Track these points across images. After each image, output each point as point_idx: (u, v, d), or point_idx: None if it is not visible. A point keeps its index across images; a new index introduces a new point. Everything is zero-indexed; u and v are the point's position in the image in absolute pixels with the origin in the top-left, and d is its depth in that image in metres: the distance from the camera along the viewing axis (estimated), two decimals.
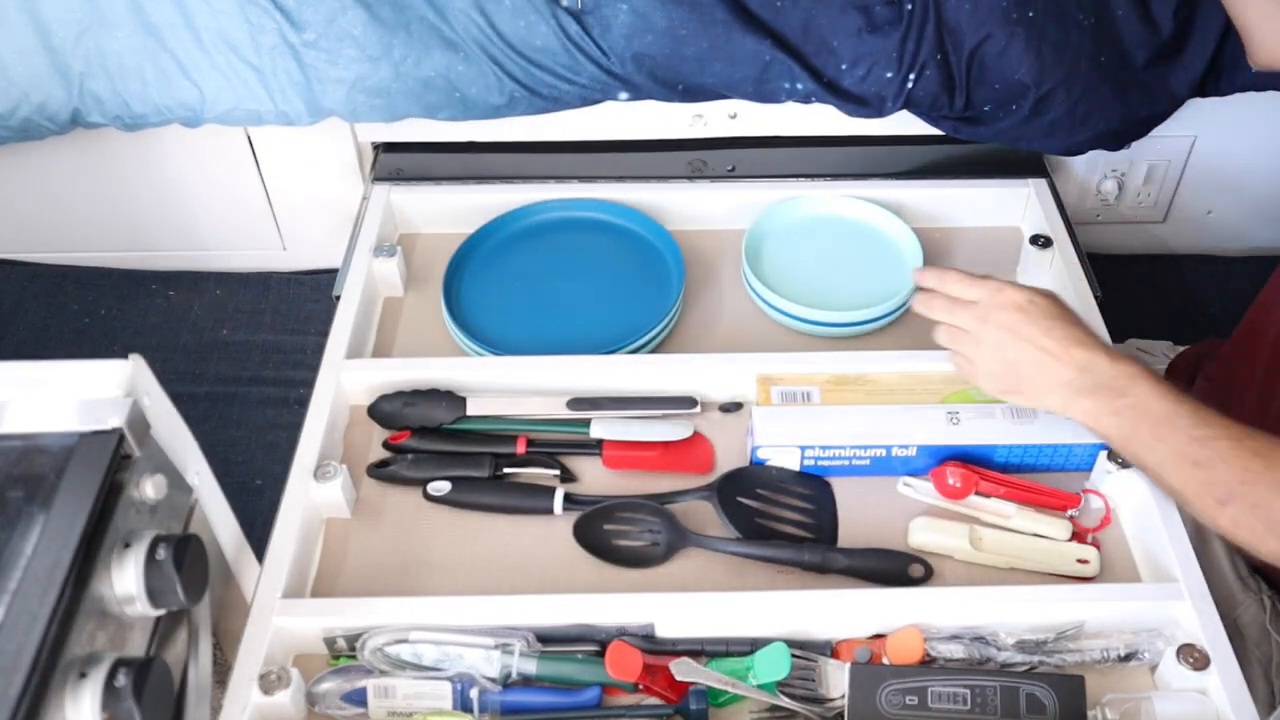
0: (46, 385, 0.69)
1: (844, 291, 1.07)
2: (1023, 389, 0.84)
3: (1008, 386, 0.85)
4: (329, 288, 1.11)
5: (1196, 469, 0.73)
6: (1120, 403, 0.77)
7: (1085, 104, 1.11)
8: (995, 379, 0.85)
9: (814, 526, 0.91)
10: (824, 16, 1.09)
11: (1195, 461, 0.73)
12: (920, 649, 0.80)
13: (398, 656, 0.80)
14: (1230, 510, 0.72)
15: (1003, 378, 0.85)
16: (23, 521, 0.63)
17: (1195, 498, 0.74)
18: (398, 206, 1.18)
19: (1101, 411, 0.78)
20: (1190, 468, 0.73)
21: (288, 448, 0.92)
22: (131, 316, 1.44)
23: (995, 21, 1.07)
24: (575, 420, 0.97)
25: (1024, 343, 0.82)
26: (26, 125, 1.17)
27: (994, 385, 0.86)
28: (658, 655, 0.81)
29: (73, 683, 0.59)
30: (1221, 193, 1.37)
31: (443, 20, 1.10)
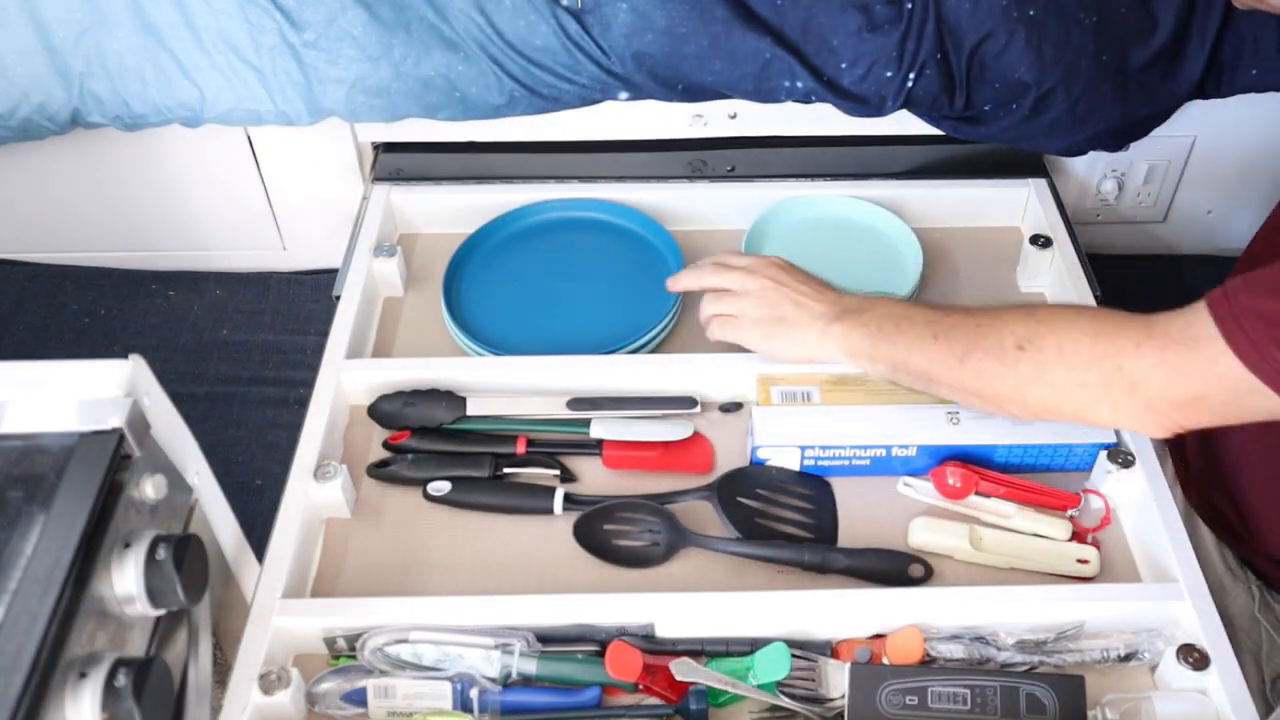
0: (46, 385, 0.69)
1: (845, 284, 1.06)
2: (785, 331, 0.92)
3: (771, 330, 0.92)
4: (329, 288, 1.11)
5: (936, 341, 0.82)
6: (866, 316, 0.88)
7: (1085, 103, 1.11)
8: (759, 325, 0.93)
9: (814, 526, 0.91)
10: (824, 15, 1.09)
11: (934, 336, 0.82)
12: (920, 649, 0.80)
13: (398, 656, 0.80)
14: (970, 362, 0.80)
15: (766, 322, 0.93)
16: (23, 521, 0.63)
17: (940, 365, 0.82)
18: (398, 206, 1.18)
19: (851, 328, 0.88)
20: (931, 341, 0.82)
21: (288, 448, 0.92)
22: (131, 316, 1.44)
23: (996, 20, 1.07)
24: (575, 420, 0.97)
25: (785, 289, 0.93)
26: (26, 125, 1.17)
27: (758, 331, 0.93)
28: (658, 655, 0.81)
29: (73, 683, 0.59)
30: (1221, 193, 1.37)
31: (443, 20, 1.10)
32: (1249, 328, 0.70)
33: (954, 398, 0.86)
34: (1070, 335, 0.78)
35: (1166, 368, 0.74)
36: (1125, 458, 0.90)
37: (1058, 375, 0.78)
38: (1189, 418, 0.76)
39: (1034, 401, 0.81)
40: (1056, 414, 0.81)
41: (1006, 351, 0.80)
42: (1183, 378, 0.74)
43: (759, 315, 0.94)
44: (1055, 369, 0.78)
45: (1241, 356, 0.70)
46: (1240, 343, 0.70)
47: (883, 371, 0.89)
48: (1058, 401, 0.79)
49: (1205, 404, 0.75)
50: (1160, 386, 0.75)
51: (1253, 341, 0.70)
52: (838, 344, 0.90)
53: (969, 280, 1.13)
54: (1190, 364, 0.73)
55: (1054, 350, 0.78)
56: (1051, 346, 0.78)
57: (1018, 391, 0.80)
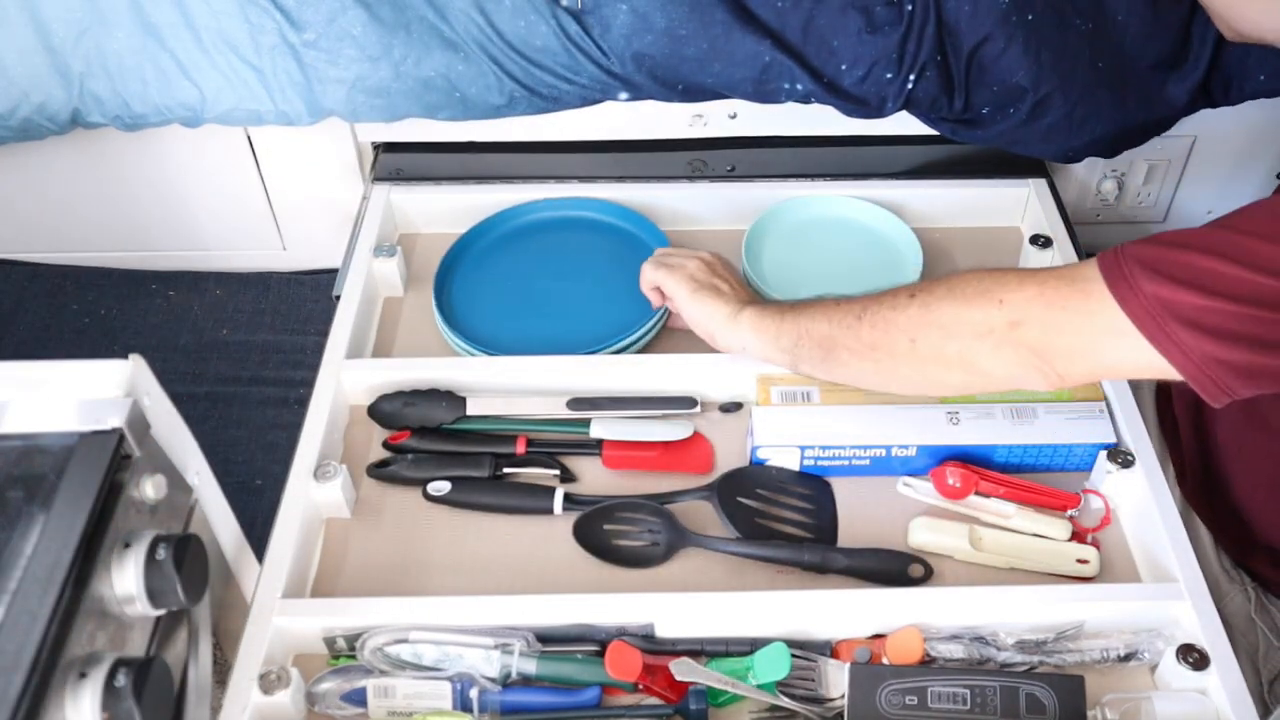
0: (46, 385, 0.69)
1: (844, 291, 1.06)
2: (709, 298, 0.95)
3: (698, 291, 0.95)
4: (329, 288, 1.11)
5: (838, 306, 0.86)
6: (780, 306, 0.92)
7: (1083, 109, 1.11)
8: (693, 280, 0.96)
9: (814, 526, 0.91)
10: (824, 17, 1.09)
11: (837, 303, 0.86)
12: (920, 649, 0.80)
13: (398, 656, 0.80)
14: (866, 316, 0.84)
15: (699, 283, 0.96)
16: (23, 521, 0.63)
17: (840, 324, 0.85)
18: (398, 206, 1.18)
19: (762, 310, 0.92)
20: (834, 307, 0.86)
21: (288, 448, 0.92)
22: (131, 316, 1.44)
23: (995, 23, 1.07)
24: (575, 420, 0.97)
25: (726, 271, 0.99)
26: (26, 125, 1.17)
27: (688, 287, 0.96)
28: (658, 655, 0.81)
29: (73, 683, 0.59)
30: (1222, 192, 1.37)
31: (443, 20, 1.10)
32: (1128, 268, 0.71)
33: (852, 364, 0.86)
34: (960, 279, 0.80)
35: (1044, 302, 0.75)
36: (1125, 458, 0.90)
37: (943, 313, 0.79)
38: (1066, 364, 0.76)
39: (923, 347, 0.81)
40: (944, 361, 0.81)
41: (899, 299, 0.82)
42: (1060, 311, 0.74)
43: (697, 274, 0.97)
44: (941, 307, 0.80)
45: (1115, 293, 0.71)
46: (1117, 281, 0.72)
47: (786, 347, 0.89)
48: (944, 342, 0.79)
49: (1081, 347, 0.75)
50: (1038, 320, 0.75)
51: (1128, 280, 0.71)
52: (748, 322, 0.92)
53: None
54: (1068, 299, 0.74)
55: (943, 290, 0.80)
56: (941, 288, 0.81)
57: (908, 337, 0.81)
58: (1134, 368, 0.74)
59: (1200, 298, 0.69)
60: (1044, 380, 0.78)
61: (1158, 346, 0.71)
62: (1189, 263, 0.70)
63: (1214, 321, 0.69)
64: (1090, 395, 0.96)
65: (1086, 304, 0.73)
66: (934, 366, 0.82)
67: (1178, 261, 0.70)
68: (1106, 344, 0.73)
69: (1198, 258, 0.69)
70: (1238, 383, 0.70)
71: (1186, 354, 0.70)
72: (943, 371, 0.82)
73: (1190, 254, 0.70)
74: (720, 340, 0.95)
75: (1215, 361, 0.70)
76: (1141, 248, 0.72)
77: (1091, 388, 0.97)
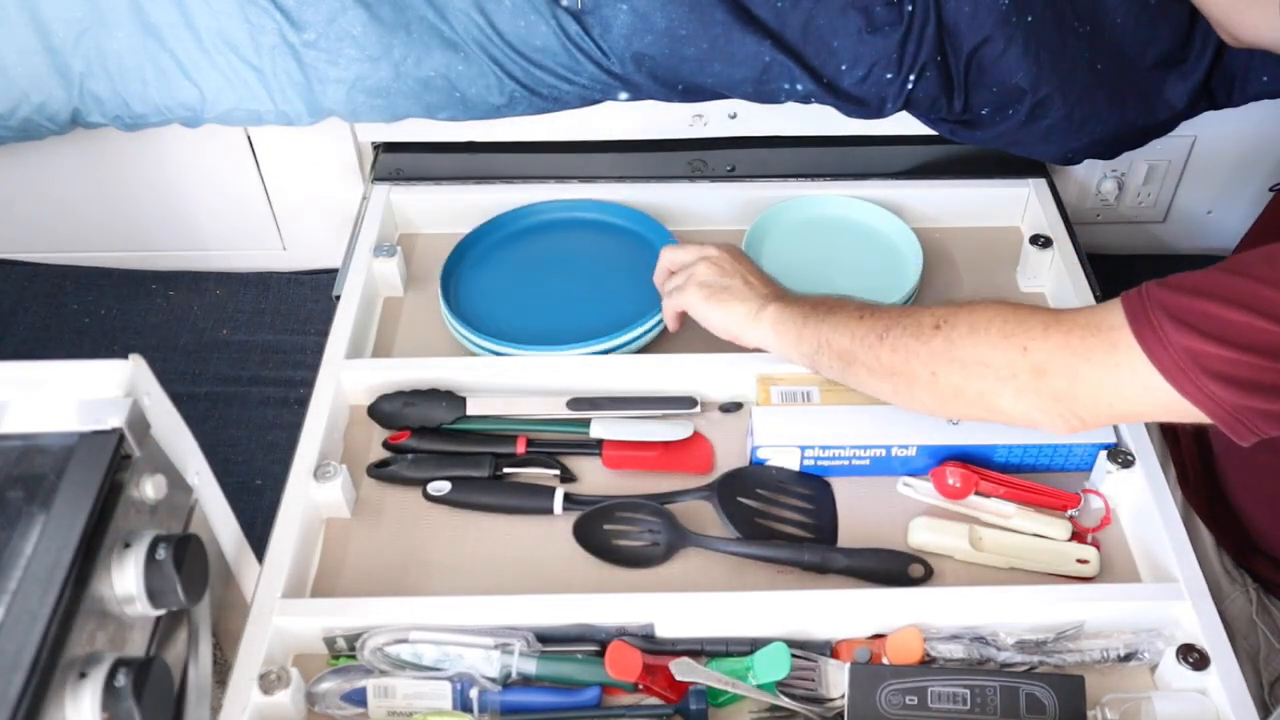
0: (46, 385, 0.69)
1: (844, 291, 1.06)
2: (725, 300, 0.94)
3: (712, 295, 0.94)
4: (329, 288, 1.11)
5: (861, 320, 0.85)
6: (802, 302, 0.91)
7: (1081, 110, 1.11)
8: (705, 288, 0.95)
9: (814, 526, 0.91)
10: (824, 17, 1.09)
11: (860, 317, 0.86)
12: (920, 649, 0.80)
13: (398, 656, 0.80)
14: (889, 339, 0.83)
15: (712, 287, 0.95)
16: (23, 521, 0.63)
17: (861, 341, 0.85)
18: (398, 206, 1.18)
19: (784, 308, 0.91)
20: (856, 321, 0.86)
21: (288, 448, 0.92)
22: (131, 316, 1.44)
23: (994, 24, 1.07)
24: (575, 420, 0.97)
25: (740, 266, 0.96)
26: (26, 125, 1.17)
27: (702, 294, 0.95)
28: (658, 655, 0.81)
29: (73, 683, 0.59)
30: (1221, 193, 1.37)
31: (443, 20, 1.10)
32: (1155, 319, 0.71)
33: (870, 383, 0.86)
34: (984, 316, 0.79)
35: (1069, 351, 0.75)
36: (1125, 458, 0.90)
37: (966, 352, 0.79)
38: (1089, 410, 0.76)
39: (944, 382, 0.80)
40: (964, 399, 0.81)
41: (924, 328, 0.81)
42: (1084, 362, 0.74)
43: (707, 279, 0.95)
44: (964, 345, 0.79)
45: (1143, 345, 0.71)
46: (1144, 332, 0.71)
47: (806, 353, 0.89)
48: (965, 381, 0.79)
49: (1105, 395, 0.74)
50: (1063, 370, 0.75)
51: (1155, 331, 0.71)
52: (769, 322, 0.91)
53: (969, 280, 1.13)
54: (1093, 350, 0.74)
55: (966, 328, 0.79)
56: (964, 325, 0.80)
57: (928, 370, 0.81)
58: (1162, 413, 0.74)
59: (1228, 350, 0.68)
60: (1064, 424, 0.78)
61: (1187, 396, 0.70)
62: (1216, 315, 0.69)
63: (1243, 374, 0.68)
64: None
65: (1113, 356, 0.73)
66: (954, 401, 0.82)
67: (1205, 313, 0.70)
68: (1133, 393, 0.73)
69: (1223, 309, 0.69)
70: (1268, 426, 0.70)
71: (1218, 403, 0.70)
72: (962, 406, 0.82)
73: (1216, 305, 0.69)
74: (745, 340, 0.94)
75: (1246, 409, 0.70)
76: (1167, 295, 0.71)
77: None
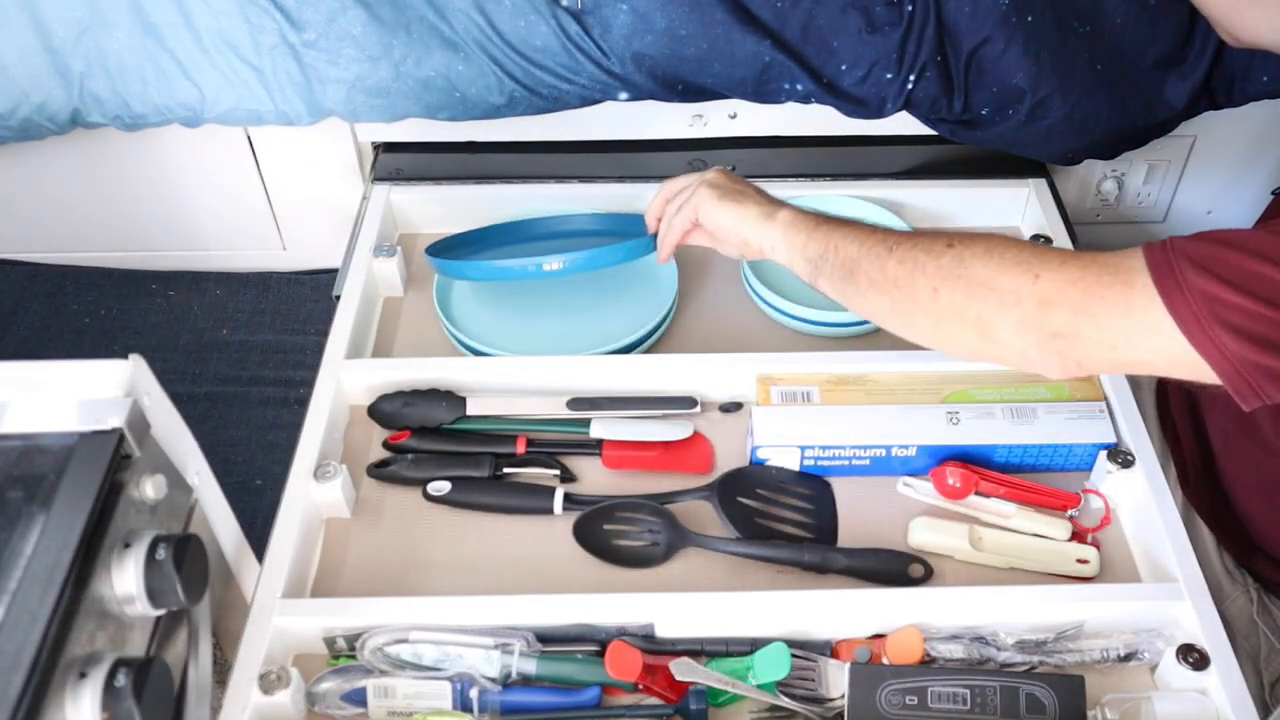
0: (46, 385, 0.69)
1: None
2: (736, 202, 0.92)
3: (724, 196, 0.93)
4: (329, 288, 1.11)
5: (873, 233, 0.84)
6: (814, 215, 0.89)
7: (1082, 110, 1.11)
8: (716, 189, 0.93)
9: (814, 526, 0.91)
10: (824, 17, 1.09)
11: (872, 230, 0.85)
12: (920, 649, 0.80)
13: (398, 656, 0.80)
14: (898, 250, 0.81)
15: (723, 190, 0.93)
16: (23, 521, 0.63)
17: (869, 251, 0.83)
18: (398, 206, 1.18)
19: (796, 214, 0.89)
20: (868, 233, 0.84)
21: (288, 448, 0.92)
22: (131, 316, 1.44)
23: (994, 24, 1.07)
24: (575, 420, 0.97)
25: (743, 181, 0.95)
26: (26, 125, 1.17)
27: (713, 194, 0.93)
28: (658, 655, 0.81)
29: (73, 683, 0.59)
30: (1221, 193, 1.37)
31: (443, 20, 1.10)
32: (1176, 264, 0.69)
33: (870, 295, 0.83)
34: (1002, 243, 0.77)
35: (1082, 286, 0.72)
36: (1125, 458, 0.90)
37: (975, 271, 0.76)
38: (1089, 353, 0.74)
39: (944, 300, 0.78)
40: (961, 320, 0.77)
41: (936, 244, 0.79)
42: (1096, 299, 0.72)
43: (717, 182, 0.94)
44: (975, 264, 0.76)
45: (1160, 288, 0.69)
46: (1163, 275, 0.69)
47: (811, 257, 0.87)
48: (966, 301, 0.76)
49: (1111, 337, 0.72)
50: (1072, 304, 0.72)
51: (1175, 276, 0.69)
52: (781, 224, 0.89)
53: None
54: (1108, 287, 0.71)
55: (981, 249, 0.77)
56: (980, 246, 0.78)
57: (931, 286, 0.78)
58: (1165, 365, 0.72)
59: (1248, 301, 0.67)
60: (1059, 366, 0.75)
61: (1197, 347, 0.68)
62: (1240, 265, 0.67)
63: (1259, 328, 0.67)
64: (1090, 395, 0.96)
65: (1128, 295, 0.70)
66: (951, 322, 0.78)
67: (1229, 262, 0.68)
68: (1140, 338, 0.71)
69: (1250, 260, 0.67)
70: (1275, 389, 0.68)
71: (1227, 357, 0.68)
72: (957, 330, 0.79)
73: (1242, 256, 0.68)
74: (752, 241, 0.91)
75: (1255, 367, 0.68)
76: (1191, 244, 0.70)
77: (1092, 387, 0.97)
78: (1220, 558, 0.99)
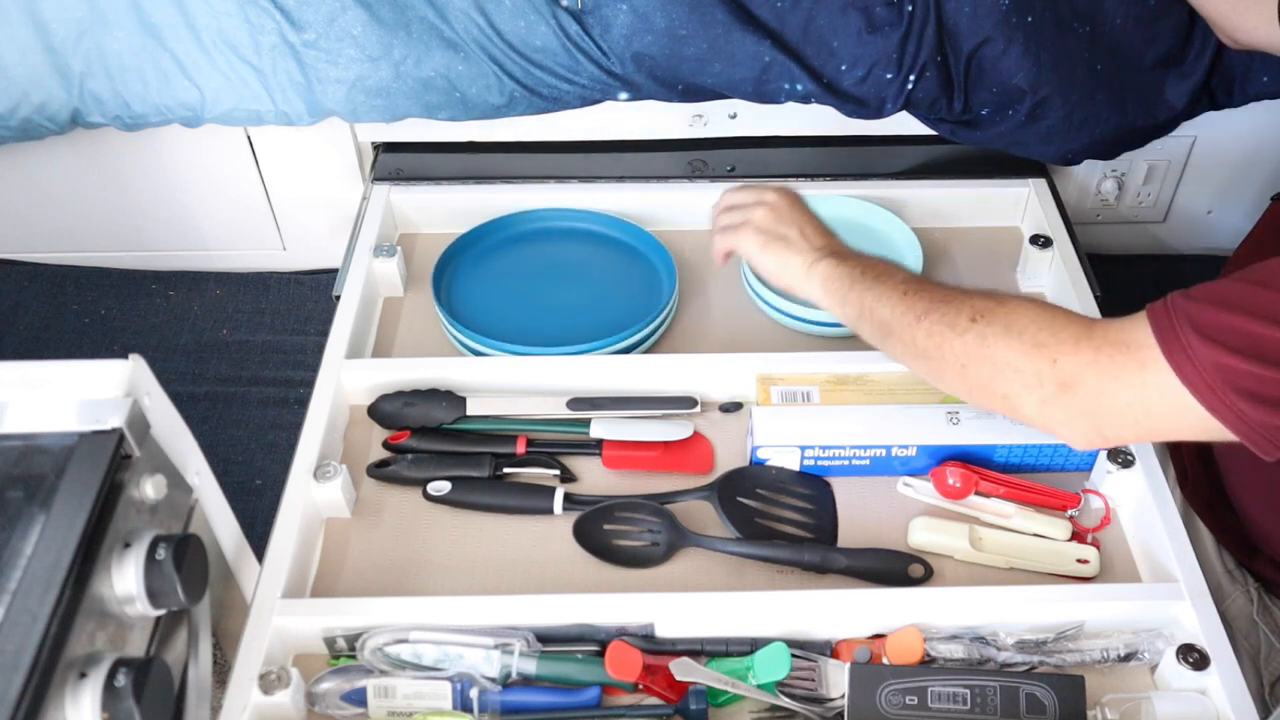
0: (46, 385, 0.69)
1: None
2: (780, 249, 0.93)
3: (768, 244, 0.94)
4: (329, 288, 1.11)
5: (904, 297, 0.85)
6: (853, 261, 0.90)
7: (1081, 111, 1.11)
8: (761, 234, 0.94)
9: (814, 526, 0.91)
10: (824, 17, 1.09)
11: (904, 292, 0.85)
12: (920, 649, 0.80)
13: (398, 656, 0.80)
14: (925, 322, 0.82)
15: (768, 235, 0.94)
16: (23, 521, 0.63)
17: (900, 319, 0.84)
18: (398, 206, 1.18)
19: (836, 266, 0.90)
20: (899, 296, 0.85)
21: (288, 448, 0.92)
22: (131, 316, 1.44)
23: (994, 25, 1.07)
24: (575, 420, 0.97)
25: (796, 213, 0.95)
26: (26, 125, 1.17)
27: (758, 241, 0.94)
28: (658, 655, 0.81)
29: (73, 683, 0.59)
30: (1221, 193, 1.37)
31: (443, 20, 1.10)
32: (1183, 335, 0.70)
33: (905, 358, 0.86)
34: (1020, 319, 0.79)
35: (1098, 369, 0.74)
36: (1125, 457, 0.90)
37: (997, 353, 0.78)
38: (1114, 427, 0.76)
39: (972, 376, 0.80)
40: (989, 395, 0.80)
41: (960, 319, 0.81)
42: (1112, 380, 0.74)
43: (764, 226, 0.94)
44: (997, 345, 0.78)
45: (1172, 363, 0.70)
46: (1173, 349, 0.70)
47: (850, 316, 0.89)
48: (993, 380, 0.79)
49: (1132, 413, 0.74)
50: (1090, 388, 0.74)
51: (1184, 349, 0.70)
52: (820, 278, 0.90)
53: (969, 280, 1.13)
54: (1122, 368, 0.73)
55: (1001, 327, 0.79)
56: (1000, 324, 0.79)
57: (959, 362, 0.80)
58: (1188, 431, 0.73)
59: (1258, 367, 0.68)
60: (1085, 439, 0.77)
61: (1216, 415, 0.70)
62: (1244, 329, 0.68)
63: (1271, 391, 0.68)
64: None
65: (1142, 374, 0.72)
66: (980, 395, 0.81)
67: (1233, 327, 0.69)
68: (1161, 411, 0.73)
69: (1251, 324, 0.68)
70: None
71: (1245, 421, 0.69)
72: (986, 401, 0.82)
73: (1245, 319, 0.69)
74: (795, 291, 0.93)
75: (1273, 428, 0.69)
76: (1194, 308, 0.71)
77: None
78: (1220, 558, 0.99)
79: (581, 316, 1.05)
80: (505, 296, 1.08)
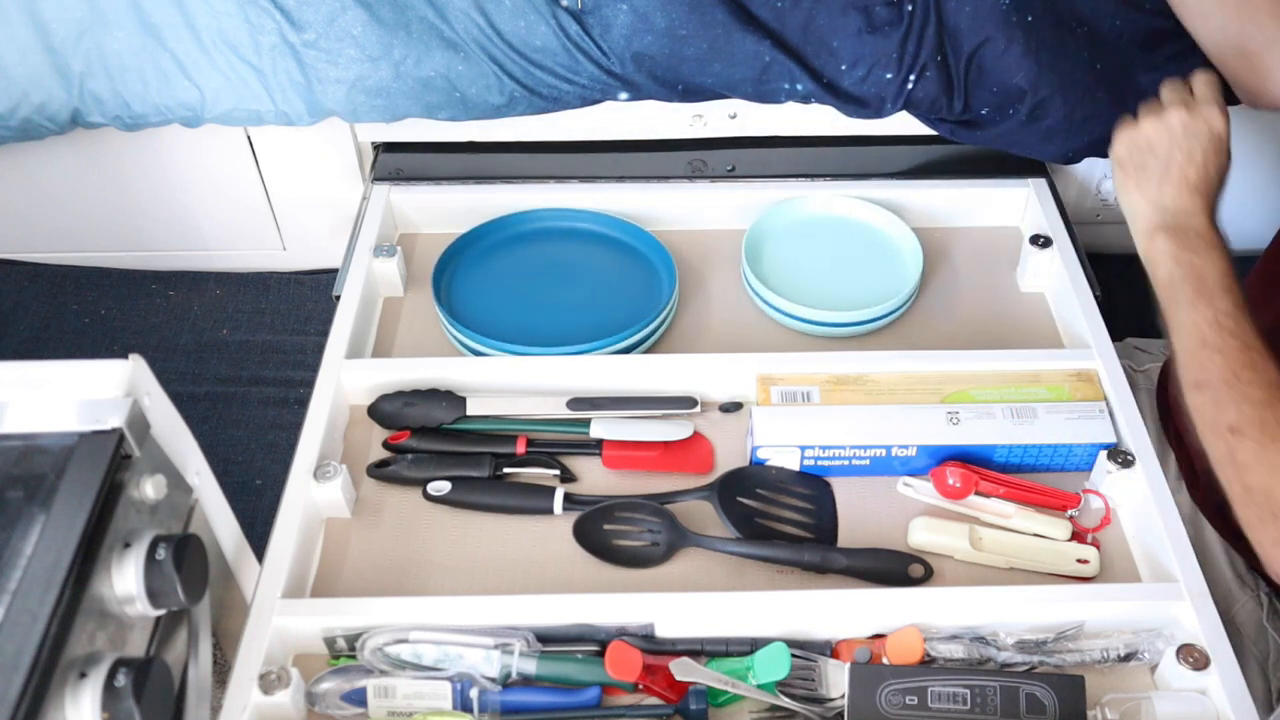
0: (46, 385, 0.69)
1: (844, 291, 1.07)
2: (1130, 187, 0.86)
3: (1129, 175, 0.87)
4: (329, 288, 1.11)
5: (1202, 348, 0.74)
6: (1187, 256, 0.80)
7: (1082, 110, 1.11)
8: (1118, 158, 0.88)
9: (814, 526, 0.91)
10: (824, 17, 1.09)
11: (1203, 342, 0.74)
12: (920, 649, 0.80)
13: (398, 656, 0.80)
14: (1196, 397, 0.74)
15: (1124, 158, 0.88)
16: (23, 521, 0.63)
17: (1184, 369, 0.75)
18: (397, 206, 1.18)
19: (1169, 252, 0.81)
20: (1198, 346, 0.75)
21: (288, 448, 0.92)
22: (131, 316, 1.44)
23: (994, 25, 1.07)
24: (575, 420, 0.97)
25: (1173, 150, 0.85)
26: (26, 125, 1.17)
27: (1114, 163, 0.89)
28: (658, 655, 0.81)
29: (73, 683, 0.59)
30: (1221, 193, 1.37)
31: (443, 20, 1.10)
32: None
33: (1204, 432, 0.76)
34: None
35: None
36: (1125, 458, 0.90)
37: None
38: None
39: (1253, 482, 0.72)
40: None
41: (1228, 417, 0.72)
42: None
43: (1136, 142, 0.87)
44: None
45: None
46: None
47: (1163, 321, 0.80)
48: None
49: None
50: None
51: None
52: (1146, 250, 0.84)
53: (969, 280, 1.13)
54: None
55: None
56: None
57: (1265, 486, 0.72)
58: None
59: None
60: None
61: None
62: None
63: None
64: (1090, 395, 0.96)
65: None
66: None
67: None
68: None
69: None
70: None
71: None
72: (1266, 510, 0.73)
73: None
74: (1138, 245, 0.86)
75: None
76: None
77: (1092, 387, 0.97)
78: (1230, 563, 0.98)
79: (581, 316, 1.05)
80: (505, 296, 1.08)
